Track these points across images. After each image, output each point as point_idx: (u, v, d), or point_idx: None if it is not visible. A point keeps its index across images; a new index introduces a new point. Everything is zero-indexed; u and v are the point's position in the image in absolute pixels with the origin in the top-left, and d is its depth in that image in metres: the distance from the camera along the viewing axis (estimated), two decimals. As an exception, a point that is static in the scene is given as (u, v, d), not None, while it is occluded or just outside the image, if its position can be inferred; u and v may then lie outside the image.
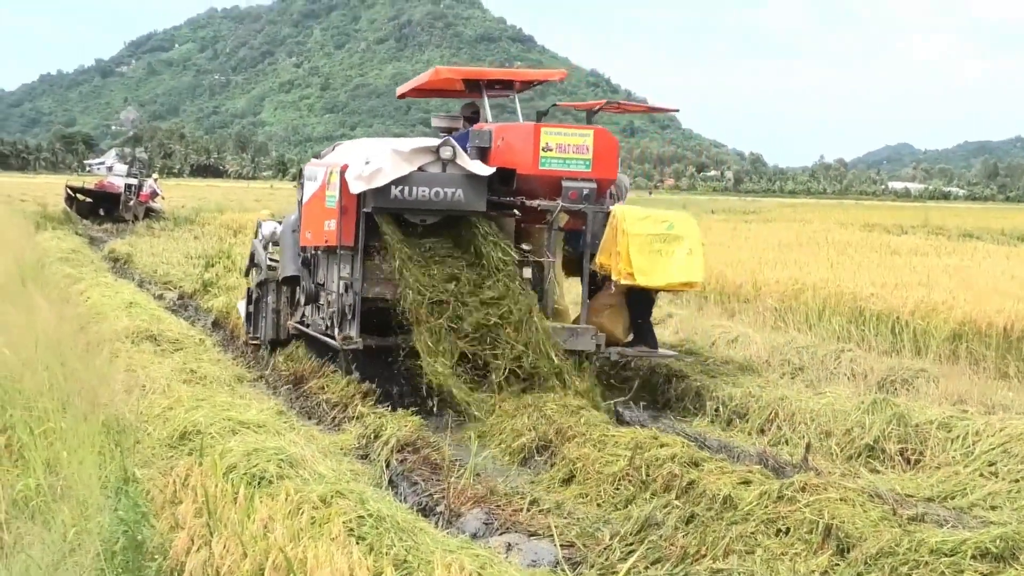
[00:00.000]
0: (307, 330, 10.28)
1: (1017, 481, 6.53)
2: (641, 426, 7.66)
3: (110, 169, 45.40)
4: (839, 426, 7.68)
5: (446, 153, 8.81)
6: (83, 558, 4.15)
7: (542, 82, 11.06)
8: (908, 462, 7.19)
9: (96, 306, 12.65)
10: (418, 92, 11.77)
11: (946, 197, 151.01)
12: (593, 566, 5.34)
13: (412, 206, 8.80)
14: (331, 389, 9.22)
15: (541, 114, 10.31)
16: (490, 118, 10.24)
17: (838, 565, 4.95)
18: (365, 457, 7.44)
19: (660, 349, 9.69)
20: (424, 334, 8.50)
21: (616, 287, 9.14)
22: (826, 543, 5.08)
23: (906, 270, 16.13)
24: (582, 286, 9.33)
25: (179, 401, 7.29)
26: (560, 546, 5.47)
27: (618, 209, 9.06)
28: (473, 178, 8.86)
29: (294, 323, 10.79)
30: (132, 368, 8.65)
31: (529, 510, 6.07)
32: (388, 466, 7.09)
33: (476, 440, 7.71)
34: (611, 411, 8.51)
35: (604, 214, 9.05)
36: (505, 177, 9.17)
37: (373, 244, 9.04)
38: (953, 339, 11.14)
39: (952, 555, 4.74)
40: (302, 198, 10.24)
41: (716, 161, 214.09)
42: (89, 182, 40.40)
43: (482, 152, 9.42)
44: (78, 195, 36.69)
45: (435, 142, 8.98)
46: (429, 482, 6.65)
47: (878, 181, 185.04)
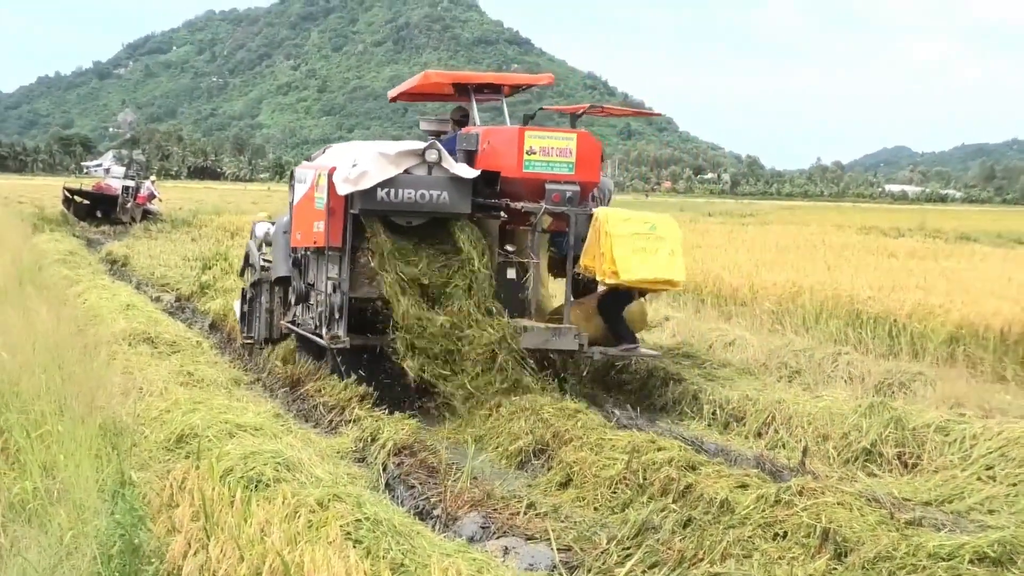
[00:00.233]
0: (298, 329, 10.37)
1: (1015, 485, 6.53)
2: (638, 429, 7.66)
3: (107, 171, 45.41)
4: (836, 429, 7.68)
5: (431, 156, 8.96)
6: (80, 561, 4.14)
7: (531, 86, 11.19)
8: (905, 466, 7.19)
9: (93, 308, 12.65)
10: (409, 96, 11.89)
11: (943, 200, 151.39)
12: (590, 570, 5.33)
13: (398, 208, 8.97)
14: (328, 392, 9.22)
15: (528, 118, 10.37)
16: (478, 121, 10.35)
17: (836, 569, 4.95)
18: (362, 460, 7.44)
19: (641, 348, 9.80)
20: (403, 329, 8.72)
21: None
22: (823, 547, 5.08)
23: (903, 273, 16.13)
24: (566, 287, 9.46)
25: (176, 404, 7.29)
26: (557, 550, 5.47)
27: (601, 211, 9.18)
28: (458, 180, 9.02)
29: (286, 323, 10.87)
30: (129, 371, 8.64)
31: (526, 514, 6.07)
32: (385, 469, 7.10)
33: (473, 443, 7.73)
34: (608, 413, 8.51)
35: (587, 216, 9.19)
36: (490, 180, 9.34)
37: (360, 245, 9.19)
38: (950, 342, 11.14)
39: (950, 559, 4.75)
40: (293, 200, 10.37)
41: (713, 164, 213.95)
42: (87, 184, 40.32)
43: (469, 155, 9.58)
44: (76, 197, 36.63)
45: (421, 145, 9.12)
46: (426, 485, 6.65)
47: (875, 184, 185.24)
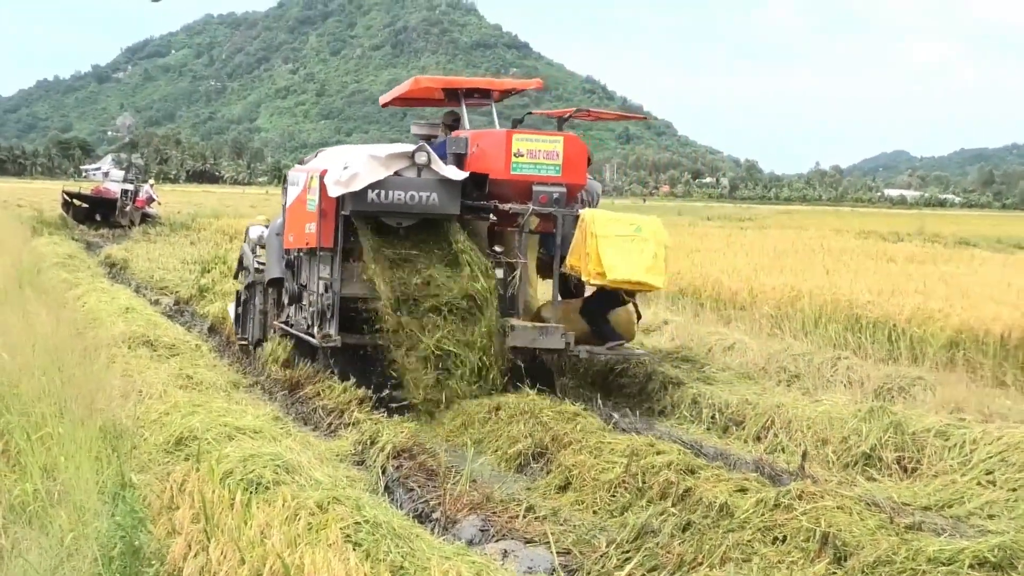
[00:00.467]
0: (291, 330, 10.46)
1: (1015, 490, 6.52)
2: (637, 433, 7.66)
3: (106, 175, 45.41)
4: (836, 434, 7.68)
5: (421, 158, 9.12)
6: (81, 563, 4.14)
7: (520, 91, 11.36)
8: (905, 470, 7.19)
9: (93, 311, 12.65)
10: (400, 101, 12.04)
11: (942, 204, 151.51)
12: (589, 573, 5.33)
13: (388, 209, 9.15)
14: (327, 395, 9.23)
15: (517, 121, 10.58)
16: (468, 125, 10.47)
17: (835, 573, 4.94)
18: (361, 463, 7.44)
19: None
20: (393, 333, 8.91)
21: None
22: (823, 551, 5.07)
23: (902, 277, 16.13)
24: (553, 287, 9.66)
25: (175, 406, 7.30)
26: (556, 553, 5.47)
27: (587, 212, 9.35)
28: (447, 182, 9.19)
29: (280, 324, 10.94)
30: (129, 373, 8.65)
31: (525, 517, 6.07)
32: (384, 472, 7.10)
33: (472, 446, 7.73)
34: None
35: (574, 217, 9.38)
36: (478, 182, 9.52)
37: (351, 246, 9.35)
38: (950, 347, 11.14)
39: (950, 564, 4.74)
40: (286, 203, 10.56)
41: (711, 168, 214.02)
42: (86, 187, 40.32)
43: (459, 158, 9.77)
44: (75, 200, 36.65)
45: (410, 148, 9.26)
46: (425, 488, 6.66)
47: (874, 188, 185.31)
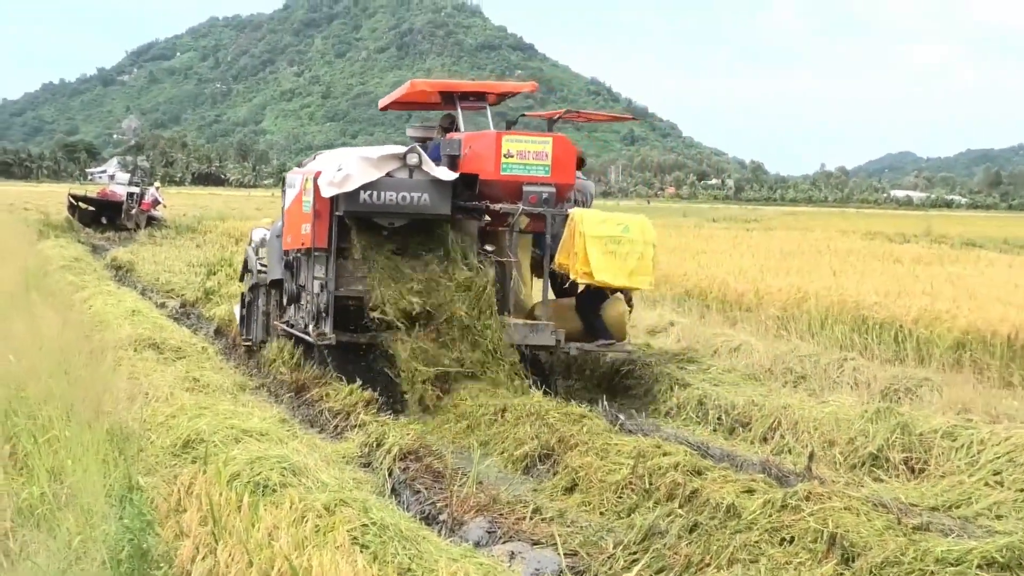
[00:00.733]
0: (292, 330, 10.58)
1: (1023, 490, 6.50)
2: (644, 434, 7.66)
3: (112, 178, 45.50)
4: (843, 435, 7.67)
5: (412, 160, 9.29)
6: (89, 566, 4.15)
7: (515, 93, 11.50)
8: (912, 471, 7.18)
9: (99, 314, 12.67)
10: (398, 105, 12.24)
11: (948, 205, 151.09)
12: (596, 575, 5.33)
13: (381, 210, 9.31)
14: (333, 398, 9.25)
15: (510, 123, 10.74)
16: (462, 128, 10.60)
17: (843, 574, 4.93)
18: (368, 465, 7.44)
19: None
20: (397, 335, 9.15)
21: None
22: (831, 552, 5.06)
23: (909, 278, 16.11)
24: (543, 285, 9.87)
25: (182, 409, 7.31)
26: (563, 555, 5.46)
27: (576, 212, 9.57)
28: (438, 183, 9.35)
29: (281, 324, 11.07)
30: (135, 376, 8.66)
31: (532, 518, 6.07)
32: (391, 474, 7.09)
33: (479, 448, 7.73)
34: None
35: (563, 217, 9.58)
36: (468, 182, 9.69)
37: (345, 246, 9.53)
38: (957, 348, 11.12)
39: (957, 564, 4.73)
40: (285, 205, 10.75)
41: (717, 169, 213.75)
42: (91, 190, 40.43)
43: (452, 160, 9.97)
44: (81, 203, 36.74)
45: (402, 149, 9.43)
46: (432, 490, 6.65)
47: (880, 189, 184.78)
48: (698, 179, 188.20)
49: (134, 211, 35.87)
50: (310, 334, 9.69)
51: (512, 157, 9.57)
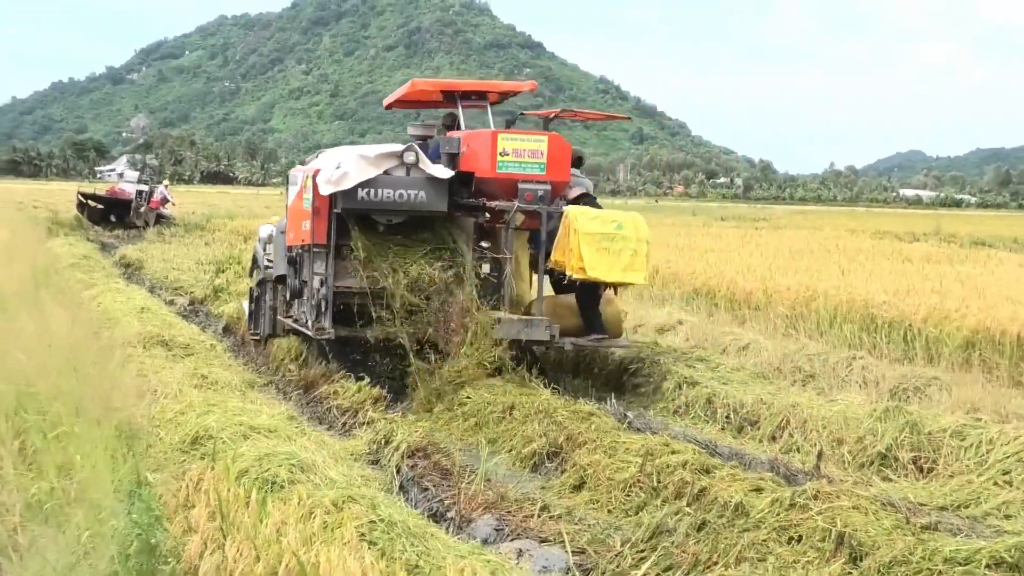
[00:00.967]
0: (295, 325, 10.68)
1: (1031, 490, 6.49)
2: (652, 432, 7.65)
3: (121, 176, 45.43)
4: (851, 434, 7.65)
5: (409, 158, 9.46)
6: (98, 561, 4.15)
7: (516, 93, 11.57)
8: (921, 470, 7.16)
9: (108, 311, 12.71)
10: (401, 104, 12.32)
11: (958, 204, 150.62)
12: (604, 573, 5.33)
13: (378, 207, 9.49)
14: (342, 395, 9.27)
15: (509, 122, 10.86)
16: (463, 126, 10.70)
17: (851, 573, 4.93)
18: (376, 463, 7.45)
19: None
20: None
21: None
22: (839, 551, 5.06)
23: (918, 278, 16.07)
24: (538, 281, 10.04)
25: (191, 406, 7.33)
26: (571, 552, 5.47)
27: (570, 209, 9.70)
28: (434, 181, 9.52)
29: (285, 319, 11.16)
30: (144, 373, 8.69)
31: (540, 516, 6.07)
32: (399, 471, 7.10)
33: (487, 446, 7.74)
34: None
35: (558, 214, 9.70)
36: (464, 180, 9.84)
37: (344, 242, 9.65)
38: (966, 347, 11.09)
39: (966, 564, 4.72)
40: (288, 202, 10.94)
41: (726, 168, 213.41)
42: (100, 189, 40.48)
43: (452, 158, 10.08)
44: (90, 201, 36.79)
45: (399, 147, 9.57)
46: (440, 488, 6.66)
47: (889, 188, 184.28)
48: (707, 178, 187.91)
49: (143, 209, 35.92)
50: (309, 328, 9.87)
51: (508, 155, 9.71)
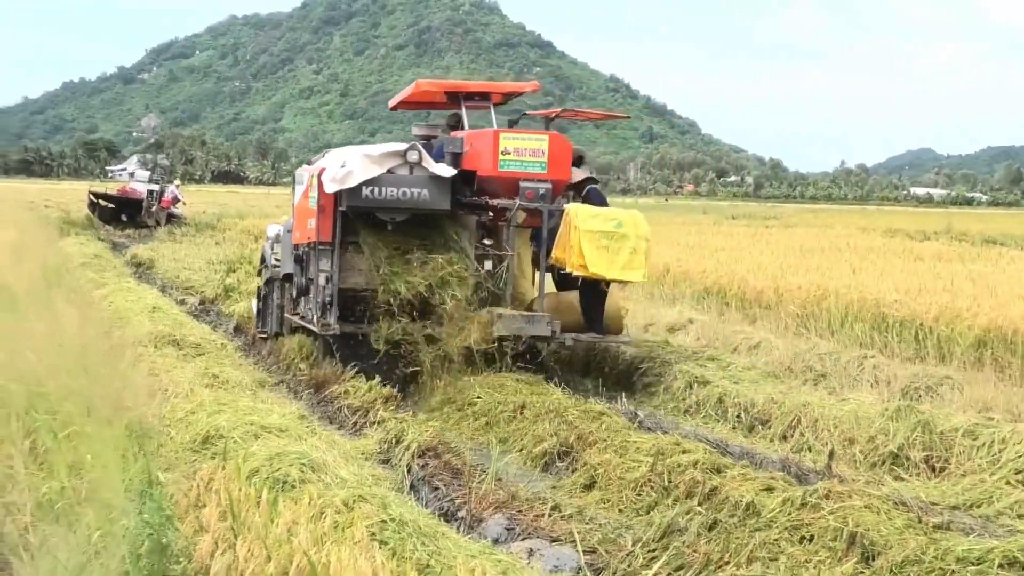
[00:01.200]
0: (302, 322, 10.81)
1: (1044, 489, 6.46)
2: (663, 432, 7.64)
3: (132, 175, 45.55)
4: (863, 433, 7.63)
5: (412, 157, 9.61)
6: (109, 560, 4.15)
7: (519, 94, 11.66)
8: (933, 470, 7.14)
9: (119, 311, 12.73)
10: (406, 104, 12.44)
11: (969, 203, 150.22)
12: (616, 572, 5.32)
13: (382, 205, 9.63)
14: (352, 394, 9.26)
15: (512, 122, 11.05)
16: (467, 127, 10.80)
17: (863, 573, 4.91)
18: (387, 462, 7.45)
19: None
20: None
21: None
22: (851, 551, 5.04)
23: (929, 276, 16.01)
24: (539, 277, 10.14)
25: (201, 405, 7.33)
26: (582, 552, 5.46)
27: (571, 207, 9.82)
28: (437, 179, 9.67)
29: (293, 317, 11.27)
30: (155, 372, 8.70)
31: (551, 515, 6.06)
32: (410, 471, 7.10)
33: (497, 445, 7.74)
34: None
35: (559, 212, 9.82)
36: (466, 179, 10.01)
37: (349, 240, 9.83)
38: (978, 346, 11.05)
39: (979, 564, 4.71)
40: (294, 201, 11.12)
41: (736, 167, 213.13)
42: (112, 188, 40.58)
43: (455, 157, 10.23)
44: (101, 201, 36.88)
45: (403, 146, 9.72)
46: (450, 487, 6.65)
47: (900, 187, 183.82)
48: (717, 176, 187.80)
49: (154, 208, 36.03)
50: (315, 324, 10.03)
51: (509, 154, 9.84)
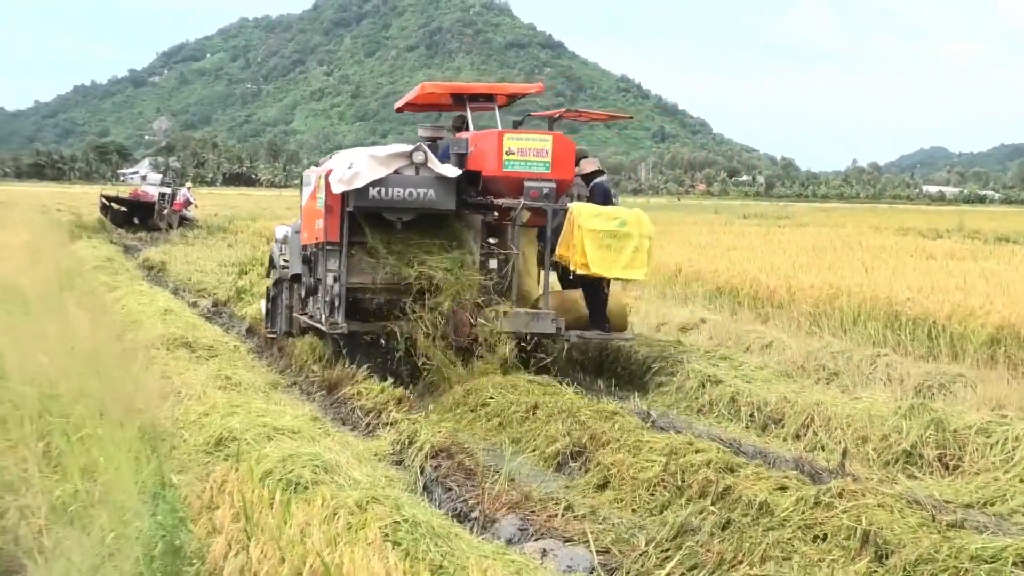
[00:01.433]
0: (311, 322, 10.90)
1: (1058, 487, 6.44)
2: (676, 431, 7.63)
3: (144, 178, 45.79)
4: (876, 431, 7.61)
5: (418, 157, 9.73)
6: (123, 563, 4.16)
7: (524, 95, 11.72)
8: (946, 468, 7.12)
9: (132, 314, 12.78)
10: (411, 107, 12.56)
11: (981, 200, 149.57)
12: (629, 572, 5.31)
13: (389, 205, 9.76)
14: (365, 396, 9.26)
15: (516, 123, 11.11)
16: (472, 128, 10.90)
17: (876, 572, 4.90)
18: (399, 463, 7.45)
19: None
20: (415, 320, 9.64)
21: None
22: (864, 549, 5.03)
23: (942, 274, 15.95)
24: (544, 275, 10.24)
25: (214, 407, 7.35)
26: (596, 552, 5.45)
27: (574, 206, 9.98)
28: (443, 179, 9.79)
29: (301, 317, 11.37)
30: (168, 375, 8.72)
31: (564, 516, 6.06)
32: (422, 472, 7.10)
33: (510, 446, 7.73)
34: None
35: (563, 211, 9.97)
36: (471, 179, 10.12)
37: (356, 240, 9.92)
38: (991, 344, 11.00)
39: (993, 562, 4.69)
40: (302, 202, 11.27)
41: (748, 166, 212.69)
42: (123, 191, 40.74)
43: (461, 158, 10.31)
44: (113, 204, 37.03)
45: (409, 148, 9.83)
46: (463, 488, 6.65)
47: (912, 185, 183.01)
48: (729, 176, 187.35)
49: (166, 211, 36.15)
50: (323, 324, 10.13)
51: (514, 154, 9.94)
